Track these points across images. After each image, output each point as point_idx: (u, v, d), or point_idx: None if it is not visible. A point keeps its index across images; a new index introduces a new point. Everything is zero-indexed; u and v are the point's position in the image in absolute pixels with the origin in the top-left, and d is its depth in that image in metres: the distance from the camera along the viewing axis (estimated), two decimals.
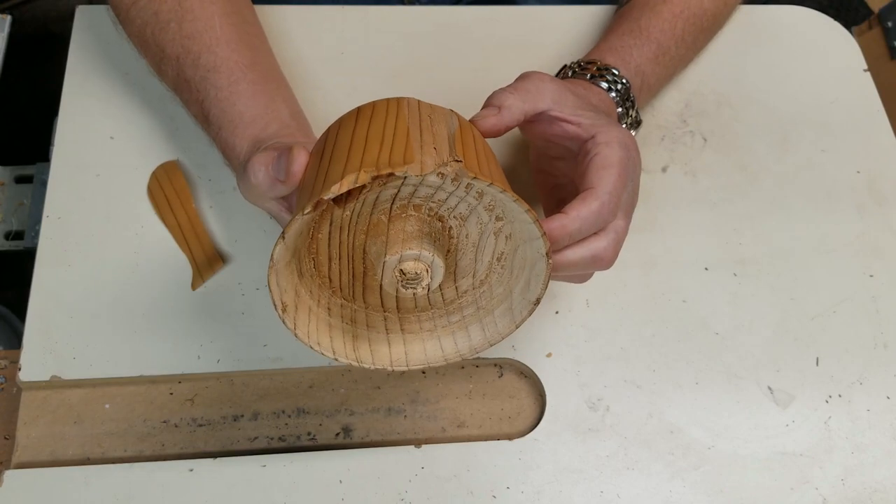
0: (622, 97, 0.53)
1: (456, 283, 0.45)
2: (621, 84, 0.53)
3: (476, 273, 0.45)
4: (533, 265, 0.42)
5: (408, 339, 0.46)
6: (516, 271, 0.44)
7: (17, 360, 0.51)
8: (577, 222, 0.42)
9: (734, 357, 0.55)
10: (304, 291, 0.43)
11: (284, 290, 0.41)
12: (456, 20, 0.67)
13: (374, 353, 0.45)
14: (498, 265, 0.44)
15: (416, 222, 0.42)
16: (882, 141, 0.64)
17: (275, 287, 0.40)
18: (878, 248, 0.60)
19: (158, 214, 0.56)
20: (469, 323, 0.45)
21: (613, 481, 0.50)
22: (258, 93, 0.52)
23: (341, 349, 0.44)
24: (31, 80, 0.90)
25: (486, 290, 0.45)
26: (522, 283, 0.43)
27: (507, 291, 0.44)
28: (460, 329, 0.46)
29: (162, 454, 0.50)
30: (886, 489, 0.52)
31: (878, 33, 0.94)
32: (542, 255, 0.41)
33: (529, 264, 0.42)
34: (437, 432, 0.52)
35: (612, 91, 0.53)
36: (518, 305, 0.44)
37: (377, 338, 0.45)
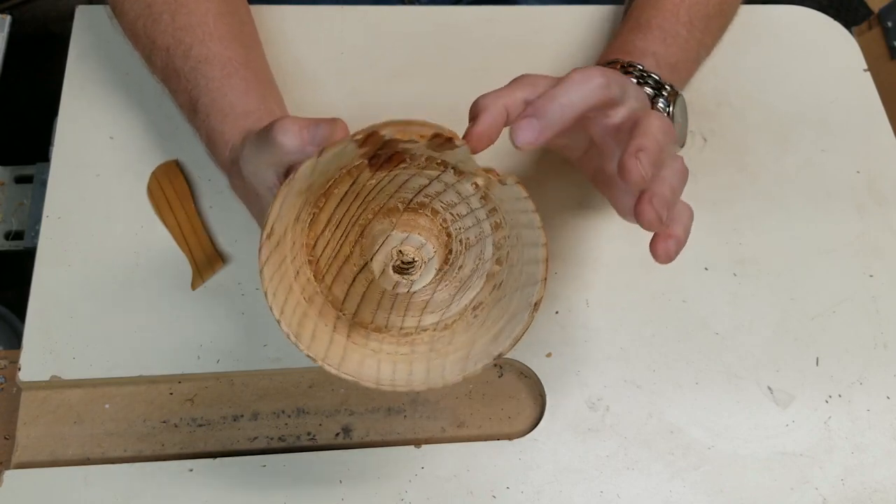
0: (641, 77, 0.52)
1: (421, 317, 0.43)
2: (633, 67, 0.52)
3: (445, 314, 0.43)
4: (513, 316, 0.40)
5: (349, 347, 0.43)
6: (489, 323, 0.41)
7: (17, 360, 0.51)
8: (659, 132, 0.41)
9: (734, 357, 0.55)
10: (289, 236, 0.40)
11: (280, 219, 0.38)
12: (456, 20, 0.67)
13: (313, 338, 0.41)
14: (471, 314, 0.42)
15: (429, 222, 0.41)
16: (882, 141, 0.64)
17: (277, 206, 0.37)
18: (878, 248, 0.60)
19: (158, 214, 0.56)
20: (415, 360, 0.42)
21: (613, 481, 0.50)
22: (251, 89, 0.52)
23: (289, 314, 0.40)
24: (31, 80, 0.90)
25: (448, 335, 0.43)
26: (491, 335, 0.41)
27: (470, 342, 0.42)
28: (404, 362, 0.42)
29: (162, 454, 0.50)
30: (886, 489, 0.52)
31: (878, 33, 0.94)
32: (529, 305, 0.39)
33: (509, 315, 0.40)
34: (437, 432, 0.52)
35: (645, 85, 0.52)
36: (475, 357, 0.41)
37: (322, 328, 0.42)
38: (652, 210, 0.39)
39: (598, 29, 0.67)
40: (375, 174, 0.40)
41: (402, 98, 0.62)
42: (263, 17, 0.64)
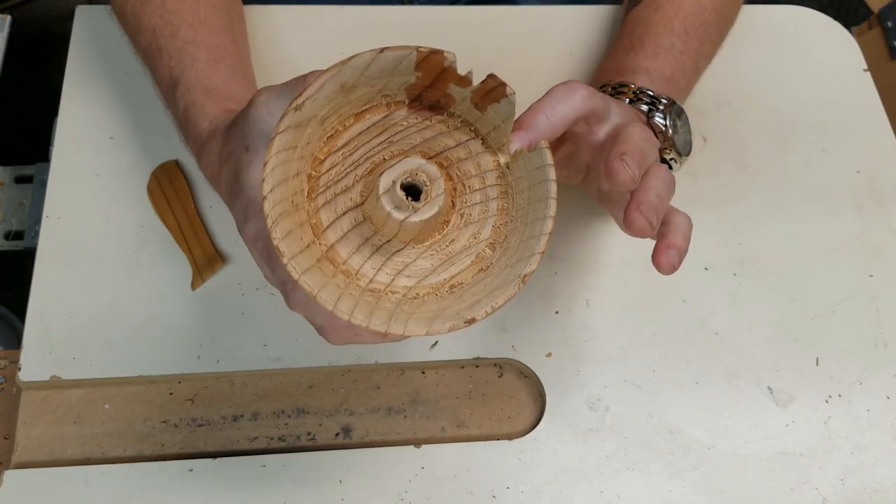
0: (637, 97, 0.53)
1: (395, 277, 0.40)
2: (626, 87, 0.53)
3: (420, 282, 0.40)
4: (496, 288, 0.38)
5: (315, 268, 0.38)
6: (466, 297, 0.39)
7: (17, 360, 0.51)
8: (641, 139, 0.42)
9: (734, 357, 0.55)
10: (307, 132, 0.39)
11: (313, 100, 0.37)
12: (456, 20, 0.67)
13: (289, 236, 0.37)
14: (447, 290, 0.40)
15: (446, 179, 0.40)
16: (882, 141, 0.64)
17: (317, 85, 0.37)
18: (878, 248, 0.60)
19: (158, 214, 0.56)
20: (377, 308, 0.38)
21: (613, 481, 0.50)
22: (235, 76, 0.52)
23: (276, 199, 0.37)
24: (31, 80, 0.90)
25: (416, 303, 0.40)
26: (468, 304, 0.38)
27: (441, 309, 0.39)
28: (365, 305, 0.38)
29: (162, 454, 0.50)
30: (886, 489, 0.52)
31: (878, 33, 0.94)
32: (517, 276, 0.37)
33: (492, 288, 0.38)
34: (437, 432, 0.52)
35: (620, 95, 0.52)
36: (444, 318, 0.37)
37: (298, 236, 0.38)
38: (641, 216, 0.40)
39: (598, 29, 0.67)
40: (410, 116, 0.40)
41: None
42: (263, 17, 0.64)
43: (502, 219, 0.41)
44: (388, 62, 0.37)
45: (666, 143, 0.52)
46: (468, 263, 0.40)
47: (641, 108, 0.52)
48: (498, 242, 0.40)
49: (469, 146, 0.41)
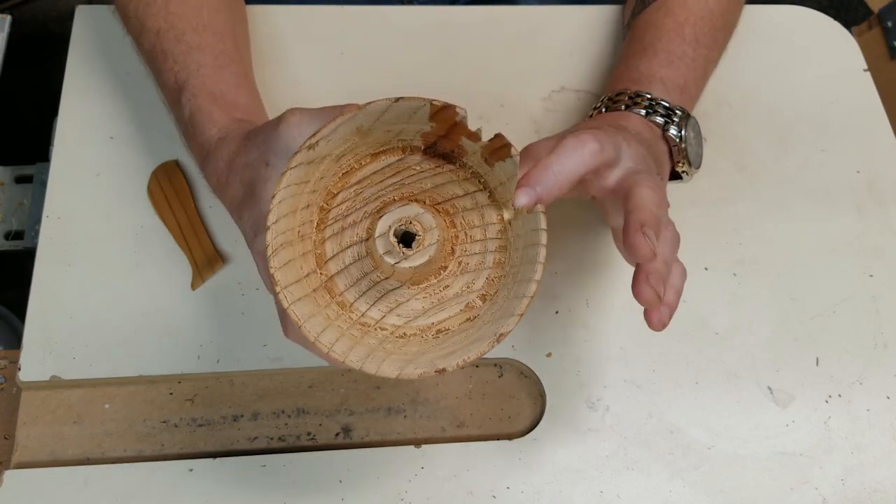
0: (650, 108, 0.53)
1: (386, 315, 0.42)
2: (640, 96, 0.53)
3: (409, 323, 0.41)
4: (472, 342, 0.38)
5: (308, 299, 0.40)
6: (445, 345, 0.40)
7: (17, 360, 0.51)
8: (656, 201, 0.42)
9: (734, 357, 0.55)
10: (321, 168, 0.40)
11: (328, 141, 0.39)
12: (456, 20, 0.67)
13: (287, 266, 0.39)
14: (432, 336, 0.41)
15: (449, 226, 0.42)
16: (882, 141, 0.64)
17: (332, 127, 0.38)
18: (878, 248, 0.60)
19: (158, 214, 0.56)
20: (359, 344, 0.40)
21: (613, 481, 0.50)
22: (241, 84, 0.52)
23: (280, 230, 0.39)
24: (31, 80, 0.90)
25: (401, 343, 0.41)
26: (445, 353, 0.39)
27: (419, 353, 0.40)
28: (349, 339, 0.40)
29: (162, 454, 0.50)
30: (886, 489, 0.52)
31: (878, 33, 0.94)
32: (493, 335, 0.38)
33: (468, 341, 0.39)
34: (437, 432, 0.52)
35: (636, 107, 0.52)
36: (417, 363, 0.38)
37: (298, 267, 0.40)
38: (650, 289, 0.40)
39: (598, 29, 0.67)
40: (423, 161, 0.41)
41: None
42: (263, 16, 0.64)
43: (497, 272, 0.41)
44: (403, 111, 0.39)
45: (679, 155, 0.53)
46: (457, 311, 0.41)
47: (656, 121, 0.52)
48: (489, 295, 0.41)
49: (476, 197, 0.42)
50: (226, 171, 0.47)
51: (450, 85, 0.63)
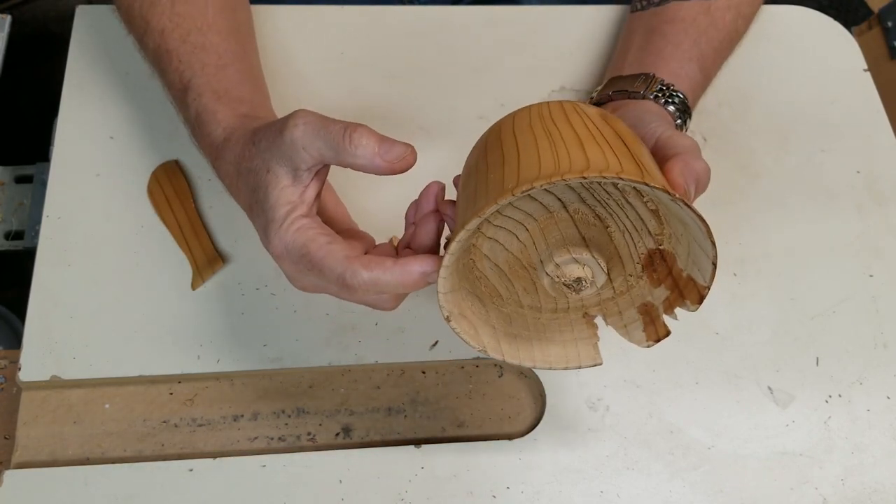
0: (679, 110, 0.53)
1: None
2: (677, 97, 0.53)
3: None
4: (692, 240, 0.40)
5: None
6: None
7: (17, 360, 0.51)
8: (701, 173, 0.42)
9: (734, 357, 0.55)
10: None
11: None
12: (456, 20, 0.67)
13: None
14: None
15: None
16: (882, 141, 0.64)
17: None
18: (878, 248, 0.60)
19: (158, 214, 0.56)
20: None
21: (613, 481, 0.50)
22: (246, 80, 0.53)
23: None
24: (31, 80, 0.90)
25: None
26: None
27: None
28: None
29: (162, 454, 0.50)
30: (886, 489, 0.52)
31: (878, 33, 0.94)
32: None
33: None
34: (437, 432, 0.52)
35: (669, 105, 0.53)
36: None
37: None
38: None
39: (598, 29, 0.67)
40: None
41: (403, 98, 0.62)
42: (264, 16, 0.64)
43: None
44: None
45: None
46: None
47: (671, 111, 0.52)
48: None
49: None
50: (234, 174, 0.47)
51: (450, 85, 0.63)
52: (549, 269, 0.40)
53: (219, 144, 0.48)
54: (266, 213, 0.43)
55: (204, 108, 0.50)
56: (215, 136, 0.49)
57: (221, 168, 0.49)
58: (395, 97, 0.62)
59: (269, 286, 0.54)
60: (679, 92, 0.53)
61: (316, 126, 0.42)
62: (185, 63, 0.52)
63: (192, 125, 0.52)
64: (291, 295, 0.54)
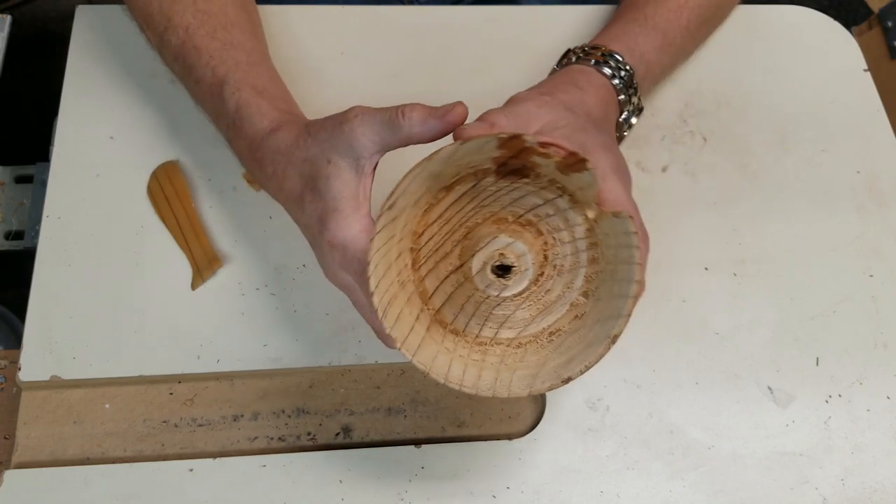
0: (625, 84, 0.53)
1: (499, 330, 0.44)
2: (625, 71, 0.53)
3: (522, 332, 0.44)
4: (588, 345, 0.40)
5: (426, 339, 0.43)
6: (563, 349, 0.42)
7: (17, 360, 0.51)
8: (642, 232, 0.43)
9: (734, 357, 0.55)
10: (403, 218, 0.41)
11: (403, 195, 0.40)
12: (456, 20, 0.67)
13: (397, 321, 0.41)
14: (546, 338, 0.43)
15: (532, 239, 0.43)
16: (882, 141, 0.64)
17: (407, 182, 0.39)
18: (878, 248, 0.60)
19: (158, 214, 0.56)
20: (485, 367, 0.42)
21: (613, 481, 0.50)
22: (275, 79, 0.54)
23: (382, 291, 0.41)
24: (31, 80, 0.90)
25: (520, 353, 0.43)
26: (564, 360, 0.41)
27: (541, 363, 0.42)
28: (474, 367, 0.42)
29: (162, 454, 0.50)
30: (886, 489, 0.52)
31: (878, 33, 0.94)
32: (607, 336, 0.39)
33: (585, 344, 0.40)
34: (437, 432, 0.52)
35: (615, 78, 0.53)
36: (543, 377, 0.41)
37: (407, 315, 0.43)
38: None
39: (598, 29, 0.67)
40: (498, 181, 0.42)
41: (403, 98, 0.62)
42: (265, 16, 0.64)
43: (593, 269, 0.42)
44: (470, 148, 0.39)
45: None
46: (564, 311, 0.43)
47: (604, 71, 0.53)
48: (591, 291, 0.42)
49: (557, 203, 0.42)
50: (283, 161, 0.48)
51: (450, 85, 0.63)
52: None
53: (264, 135, 0.49)
54: (327, 202, 0.44)
55: (246, 102, 0.50)
56: (259, 128, 0.49)
57: (265, 157, 0.49)
58: (396, 97, 0.62)
59: (269, 286, 0.54)
60: (627, 65, 0.54)
61: (371, 112, 0.44)
62: (218, 59, 0.52)
63: (229, 118, 0.51)
64: (291, 295, 0.54)
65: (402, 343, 0.41)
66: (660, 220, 0.59)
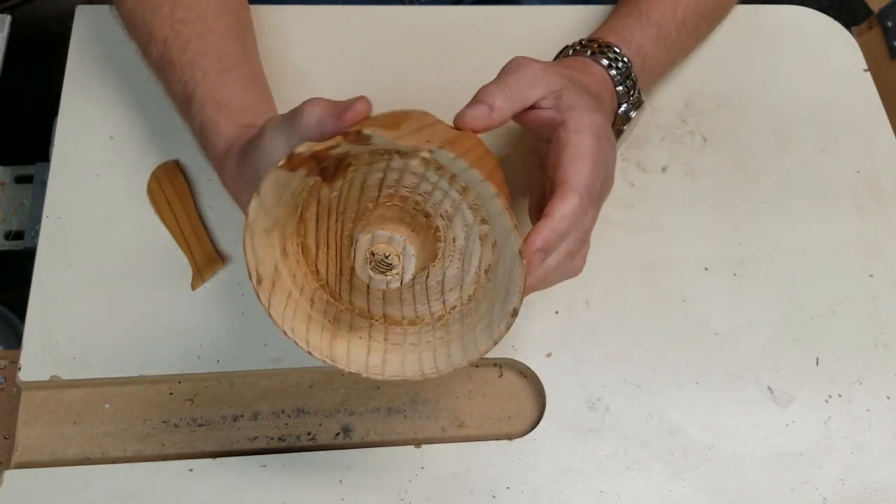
0: (623, 75, 0.53)
1: (444, 297, 0.44)
2: (622, 62, 0.53)
3: (463, 286, 0.43)
4: (510, 271, 0.40)
5: (388, 349, 0.44)
6: (499, 282, 0.42)
7: (17, 360, 0.51)
8: (564, 222, 0.41)
9: (734, 357, 0.55)
10: (285, 272, 0.42)
11: (261, 261, 0.40)
12: (456, 20, 0.67)
13: (349, 355, 0.43)
14: (485, 278, 0.43)
15: (398, 211, 0.42)
16: (882, 141, 0.64)
17: (250, 251, 0.39)
18: (878, 248, 0.60)
19: (158, 214, 0.56)
20: (451, 340, 0.43)
21: (613, 481, 0.50)
22: (248, 85, 0.53)
23: (316, 342, 0.42)
24: (31, 80, 0.90)
25: (473, 306, 0.43)
26: (502, 293, 0.41)
27: (490, 305, 0.42)
28: (442, 346, 0.43)
29: (162, 454, 0.50)
30: (886, 489, 0.52)
31: (878, 33, 0.94)
32: (515, 255, 0.38)
33: (507, 270, 0.40)
34: (437, 432, 0.52)
35: (612, 68, 0.53)
36: (497, 319, 0.41)
37: (357, 342, 0.44)
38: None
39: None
40: (333, 185, 0.41)
41: (402, 98, 0.62)
42: (263, 17, 0.64)
43: (470, 197, 0.41)
44: (270, 188, 0.38)
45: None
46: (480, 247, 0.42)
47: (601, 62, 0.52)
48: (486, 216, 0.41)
49: (393, 165, 0.41)
50: (237, 185, 0.48)
51: (450, 85, 0.63)
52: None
53: (222, 156, 0.49)
54: None
55: (207, 120, 0.50)
56: (219, 148, 0.49)
57: (226, 179, 0.49)
58: (396, 97, 0.62)
59: None
60: (625, 56, 0.53)
61: (279, 120, 0.42)
62: (188, 73, 0.52)
63: (197, 136, 0.52)
64: None
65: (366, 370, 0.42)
66: (660, 219, 0.59)
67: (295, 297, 0.42)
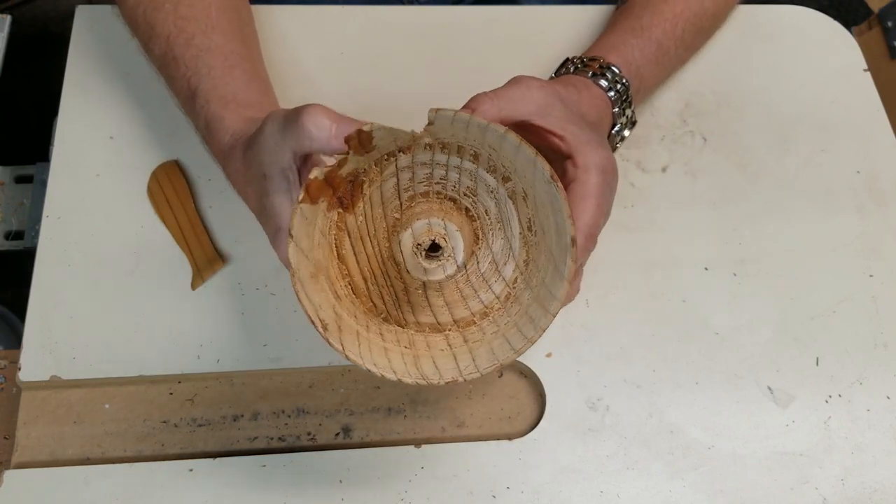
0: (620, 97, 0.53)
1: (502, 275, 0.43)
2: (621, 84, 0.53)
3: (514, 254, 0.42)
4: (550, 204, 0.38)
5: (473, 348, 0.42)
6: (546, 225, 0.40)
7: (17, 360, 0.51)
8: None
9: (734, 357, 0.55)
10: (345, 314, 0.41)
11: (320, 307, 0.39)
12: (456, 20, 0.67)
13: (439, 369, 0.41)
14: (531, 233, 0.41)
15: (424, 206, 0.42)
16: (882, 141, 0.64)
17: (305, 299, 0.38)
18: (878, 248, 0.60)
19: (158, 214, 0.56)
20: (528, 307, 0.41)
21: (613, 481, 0.50)
22: (252, 81, 0.53)
23: (402, 368, 0.40)
24: (31, 80, 0.90)
25: (532, 267, 0.41)
26: (553, 231, 0.39)
27: (548, 253, 0.40)
28: (521, 316, 0.41)
29: (162, 454, 0.50)
30: (886, 489, 0.52)
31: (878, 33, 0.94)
32: (547, 182, 0.37)
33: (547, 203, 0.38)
34: (437, 432, 0.52)
35: (611, 90, 0.53)
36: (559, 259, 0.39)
37: (440, 355, 0.42)
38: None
39: (598, 29, 0.67)
40: (355, 211, 0.41)
41: (402, 98, 0.62)
42: (263, 16, 0.64)
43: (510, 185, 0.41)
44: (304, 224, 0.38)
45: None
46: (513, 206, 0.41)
47: (601, 83, 0.53)
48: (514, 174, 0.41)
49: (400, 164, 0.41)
50: (242, 180, 0.48)
51: (450, 85, 0.63)
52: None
53: (227, 151, 0.49)
54: (273, 219, 0.43)
55: (212, 116, 0.50)
56: (224, 144, 0.49)
57: (231, 175, 0.49)
58: (395, 97, 0.62)
59: (269, 286, 0.54)
60: (624, 79, 0.53)
61: (279, 121, 0.42)
62: (192, 69, 0.52)
63: (202, 132, 0.52)
64: (291, 295, 0.54)
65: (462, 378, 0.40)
66: (660, 220, 0.59)
67: (364, 335, 0.41)
